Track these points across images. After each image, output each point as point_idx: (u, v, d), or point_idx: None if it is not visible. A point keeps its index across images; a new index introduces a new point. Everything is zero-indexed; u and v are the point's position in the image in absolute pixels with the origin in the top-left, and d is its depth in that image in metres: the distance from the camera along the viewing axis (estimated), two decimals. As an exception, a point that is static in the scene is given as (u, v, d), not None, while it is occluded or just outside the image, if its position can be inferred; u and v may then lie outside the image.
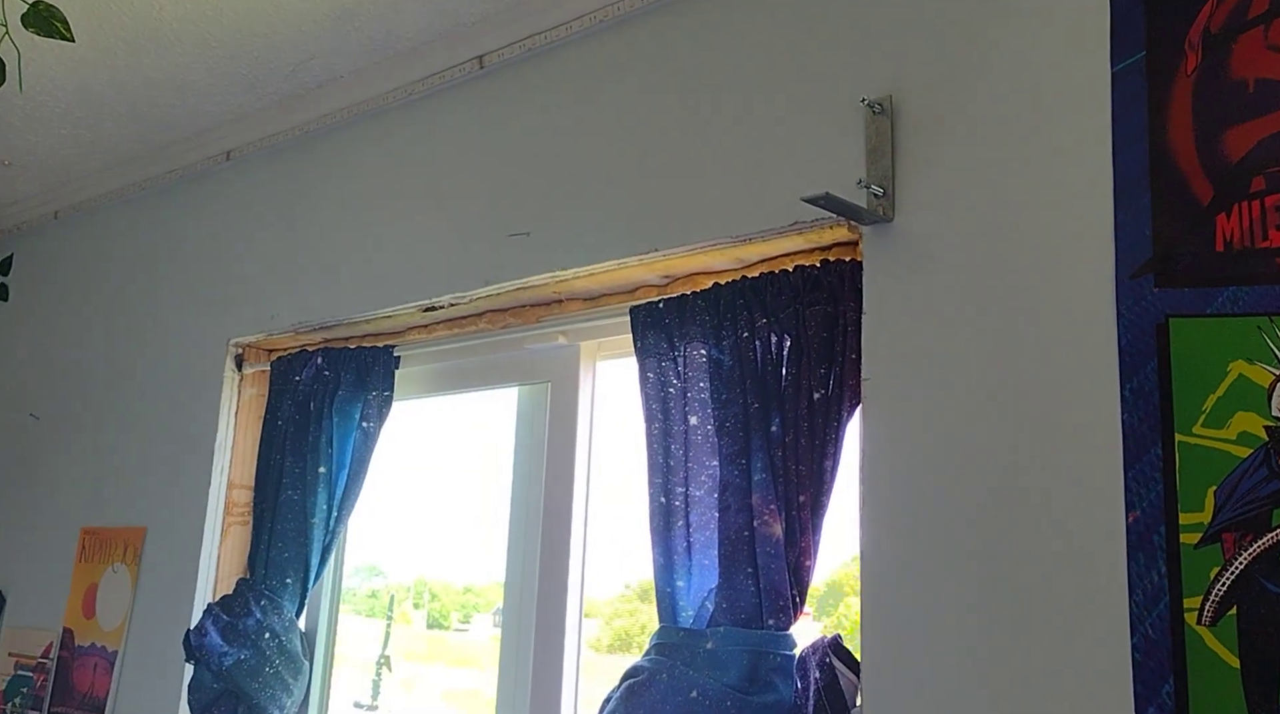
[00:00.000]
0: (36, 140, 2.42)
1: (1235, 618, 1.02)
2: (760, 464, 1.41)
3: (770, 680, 1.34)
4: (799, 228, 1.43)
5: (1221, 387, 1.06)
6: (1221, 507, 1.05)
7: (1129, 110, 1.17)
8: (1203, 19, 1.14)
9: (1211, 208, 1.10)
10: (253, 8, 1.85)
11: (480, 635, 2.37)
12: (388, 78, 2.04)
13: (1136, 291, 1.13)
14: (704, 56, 1.61)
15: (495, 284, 1.79)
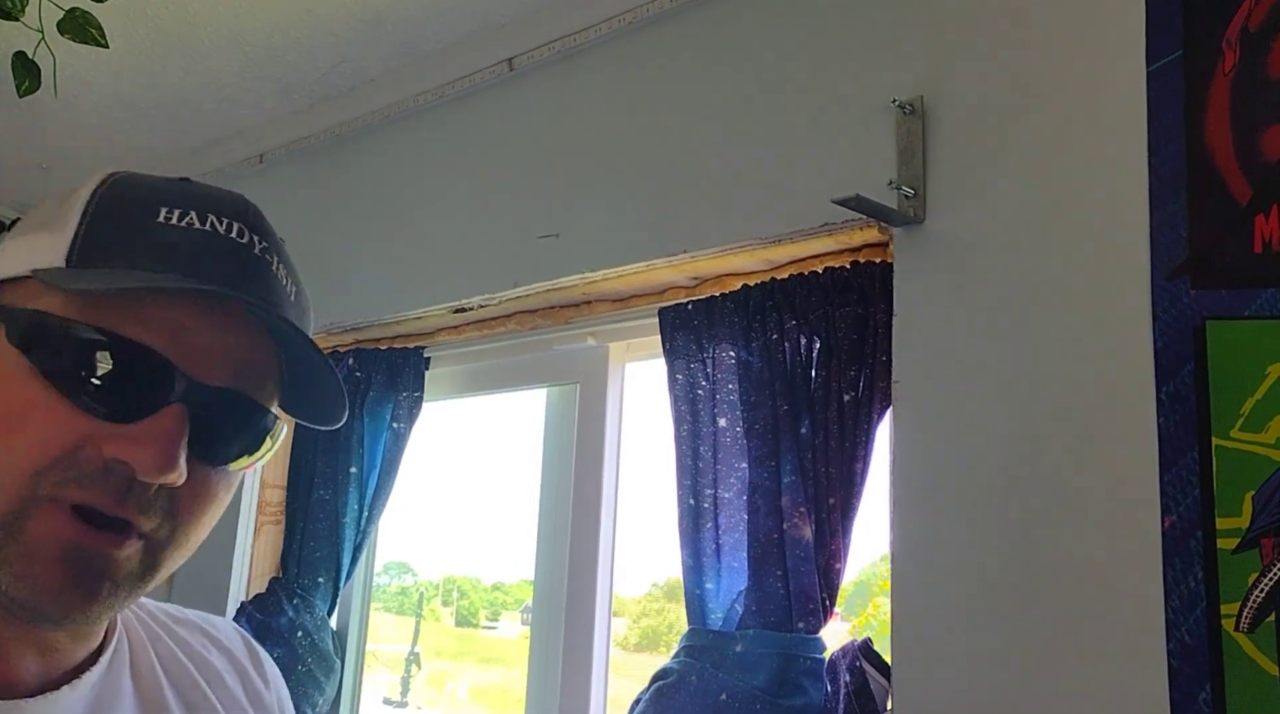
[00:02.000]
0: (73, 144, 2.46)
1: (1274, 624, 1.01)
2: (790, 466, 1.41)
3: (800, 683, 1.34)
4: (829, 229, 1.42)
5: (1260, 390, 1.05)
6: (1260, 512, 1.03)
7: (1165, 110, 1.15)
8: (1240, 18, 1.12)
9: (1249, 208, 1.08)
10: (285, 12, 1.87)
11: (509, 633, 2.38)
12: (418, 80, 2.05)
13: (1173, 293, 1.11)
14: (733, 58, 1.61)
15: (524, 285, 1.80)
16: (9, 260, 0.61)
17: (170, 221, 0.61)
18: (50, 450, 0.56)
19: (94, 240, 0.60)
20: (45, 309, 0.58)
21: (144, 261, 0.59)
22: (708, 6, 1.66)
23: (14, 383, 0.57)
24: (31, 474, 0.56)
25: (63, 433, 0.57)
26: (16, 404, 0.57)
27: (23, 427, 0.56)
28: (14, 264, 0.60)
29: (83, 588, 0.57)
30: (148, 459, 0.57)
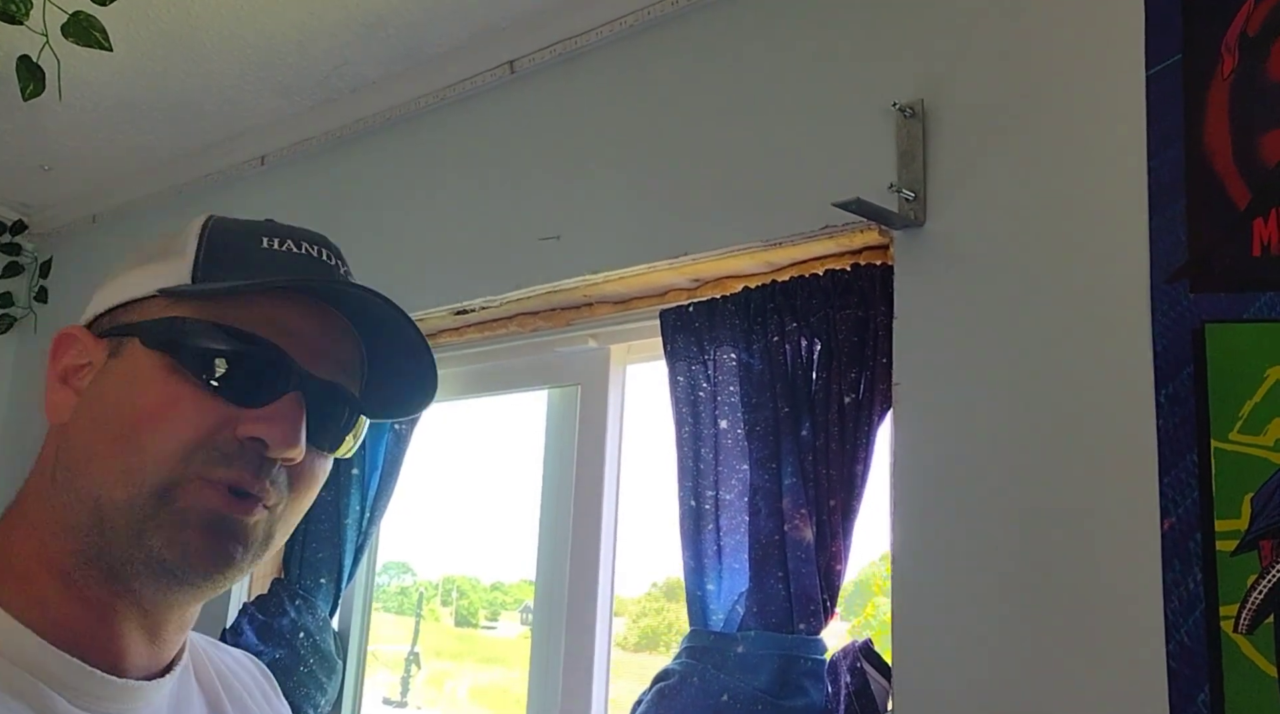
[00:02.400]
0: (74, 145, 2.46)
1: (1272, 626, 1.01)
2: (791, 468, 1.41)
3: (801, 685, 1.34)
4: (829, 232, 1.42)
5: (1259, 393, 1.05)
6: (1258, 514, 1.04)
7: (1164, 113, 1.16)
8: (1239, 22, 1.12)
9: (1248, 212, 1.09)
10: (287, 15, 1.87)
11: (508, 633, 2.39)
12: (419, 83, 2.06)
13: (1172, 296, 1.12)
14: (734, 61, 1.61)
15: (526, 288, 1.80)
16: (133, 286, 0.71)
17: (272, 247, 0.72)
18: (196, 434, 0.66)
19: (213, 263, 0.71)
20: (180, 315, 0.68)
21: (257, 276, 0.70)
22: (708, 10, 1.66)
23: (156, 382, 0.67)
24: (181, 456, 0.65)
25: (205, 418, 0.66)
26: (162, 399, 0.66)
27: (170, 417, 0.66)
28: (139, 288, 0.70)
29: (223, 551, 0.66)
30: (278, 436, 0.67)
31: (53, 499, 0.67)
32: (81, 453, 0.67)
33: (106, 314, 0.71)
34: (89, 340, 0.70)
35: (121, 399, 0.67)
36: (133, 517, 0.65)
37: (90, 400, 0.68)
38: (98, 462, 0.66)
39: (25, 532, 0.68)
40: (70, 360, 0.70)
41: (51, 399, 0.70)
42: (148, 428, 0.66)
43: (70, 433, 0.68)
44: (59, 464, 0.68)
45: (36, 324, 2.91)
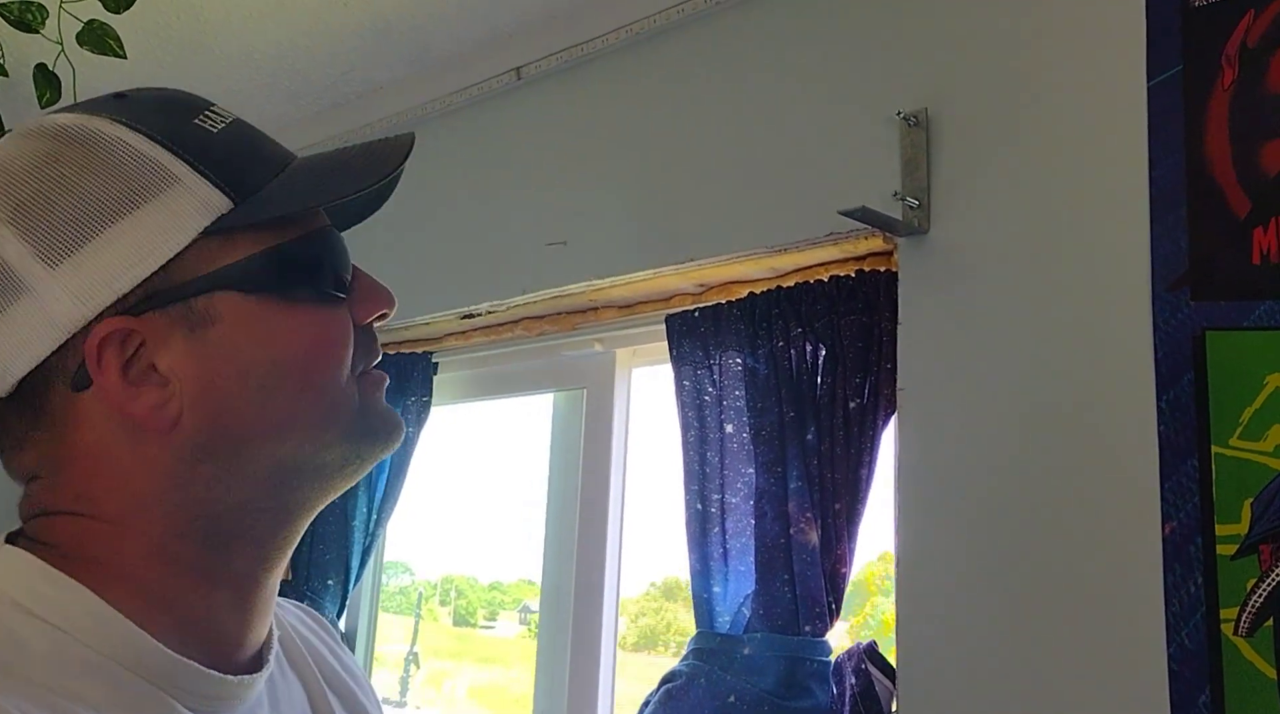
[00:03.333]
0: (83, 150, 2.47)
1: (1272, 629, 1.03)
2: (796, 472, 1.43)
3: (807, 686, 1.36)
4: (834, 238, 1.44)
5: (1258, 399, 1.07)
6: (1258, 518, 1.05)
7: (1165, 124, 1.18)
8: (1239, 34, 1.14)
9: (1248, 221, 1.11)
10: (295, 22, 1.89)
11: (506, 633, 2.40)
12: (426, 88, 2.07)
13: (1173, 304, 1.14)
14: (740, 69, 1.63)
15: (532, 292, 1.82)
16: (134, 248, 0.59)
17: (215, 128, 0.63)
18: (349, 344, 0.65)
19: (224, 173, 0.61)
20: (269, 246, 0.62)
21: (260, 169, 0.63)
22: (714, 19, 1.68)
23: (293, 322, 0.62)
24: (350, 369, 0.64)
25: (345, 328, 0.65)
26: (313, 335, 0.63)
27: (327, 346, 0.64)
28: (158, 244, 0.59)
29: (397, 417, 0.68)
30: (388, 299, 0.68)
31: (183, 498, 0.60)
32: (245, 434, 0.61)
33: (138, 288, 0.59)
34: (127, 323, 0.59)
35: (271, 356, 0.61)
36: (348, 443, 0.64)
37: (220, 377, 0.60)
38: (278, 425, 0.61)
39: (134, 536, 0.60)
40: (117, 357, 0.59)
41: (137, 406, 0.59)
42: (319, 367, 0.63)
43: (214, 418, 0.60)
44: (200, 457, 0.60)
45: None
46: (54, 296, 0.58)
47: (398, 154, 0.66)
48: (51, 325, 0.58)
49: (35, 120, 0.63)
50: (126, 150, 0.60)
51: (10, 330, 0.58)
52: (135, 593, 0.59)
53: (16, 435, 0.61)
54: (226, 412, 0.60)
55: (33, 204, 0.58)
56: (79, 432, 0.60)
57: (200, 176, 0.60)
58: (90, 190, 0.59)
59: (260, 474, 0.62)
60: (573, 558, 1.84)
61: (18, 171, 0.60)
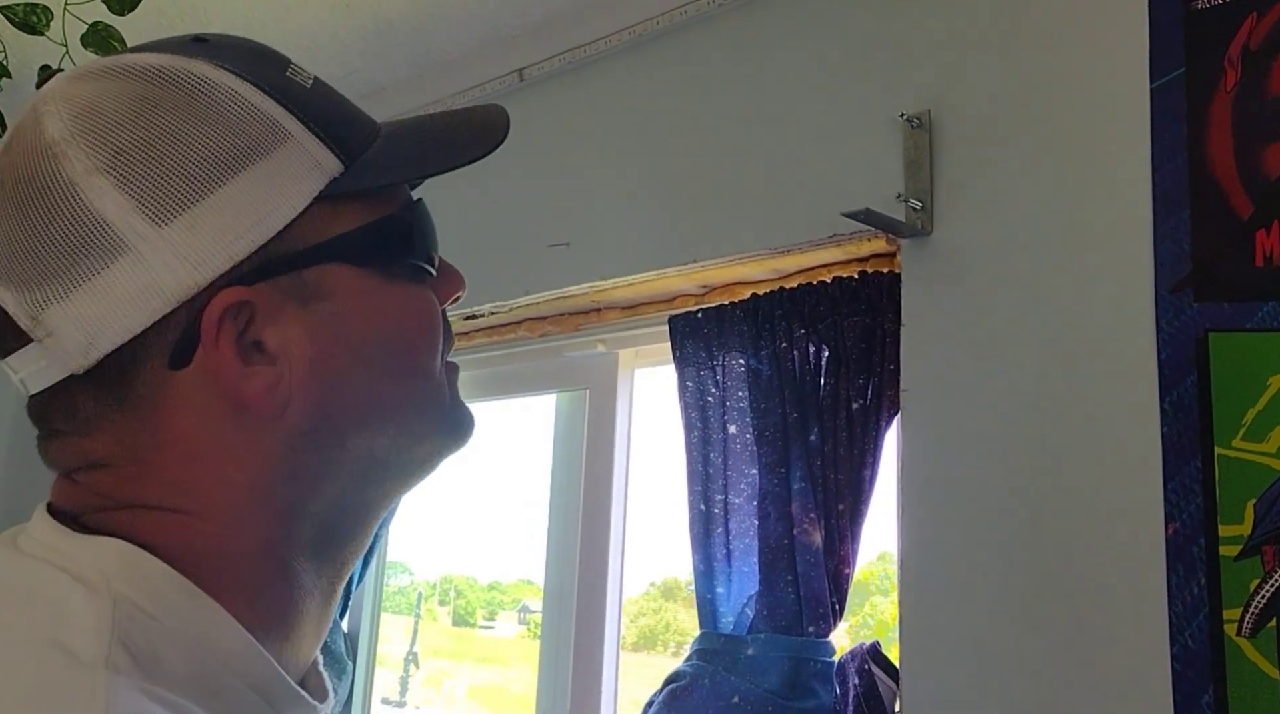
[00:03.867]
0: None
1: (1275, 629, 1.03)
2: (799, 473, 1.43)
3: (810, 686, 1.37)
4: (837, 240, 1.44)
5: (1261, 401, 1.07)
6: (1261, 519, 1.06)
7: (1168, 126, 1.18)
8: (1242, 37, 1.15)
9: (1251, 223, 1.11)
10: (298, 22, 1.89)
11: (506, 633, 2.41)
12: (429, 90, 2.08)
13: (1176, 305, 1.14)
14: (743, 71, 1.63)
15: (535, 293, 1.82)
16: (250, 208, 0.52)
17: (306, 84, 0.57)
18: (441, 328, 0.61)
19: (333, 133, 0.55)
20: (380, 216, 0.57)
21: (359, 131, 0.58)
22: (717, 21, 1.68)
23: (396, 296, 0.58)
24: (442, 355, 0.61)
25: (436, 307, 0.61)
26: (411, 310, 0.59)
27: (428, 323, 0.60)
28: (276, 206, 0.53)
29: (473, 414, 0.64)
30: (462, 282, 0.65)
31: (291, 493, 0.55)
32: (352, 420, 0.56)
33: (253, 256, 0.52)
34: (246, 295, 0.52)
35: (380, 335, 0.56)
36: (441, 435, 0.60)
37: (332, 356, 0.55)
38: (383, 418, 0.57)
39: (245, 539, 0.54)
40: (233, 330, 0.52)
41: (251, 387, 0.53)
42: (419, 349, 0.58)
43: (324, 402, 0.54)
44: (308, 446, 0.54)
45: (45, 327, 2.93)
46: (162, 261, 0.50)
47: (498, 124, 0.62)
48: (156, 292, 0.51)
49: (114, 59, 0.55)
50: (236, 99, 0.53)
51: (102, 296, 0.50)
52: (250, 605, 0.53)
53: (86, 417, 0.53)
54: (336, 395, 0.55)
55: (134, 152, 0.51)
56: (175, 415, 0.52)
57: (312, 134, 0.54)
58: (200, 141, 0.52)
59: (356, 467, 0.56)
60: (575, 558, 1.84)
61: (112, 115, 0.51)
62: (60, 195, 0.50)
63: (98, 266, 0.50)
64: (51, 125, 0.51)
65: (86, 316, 0.51)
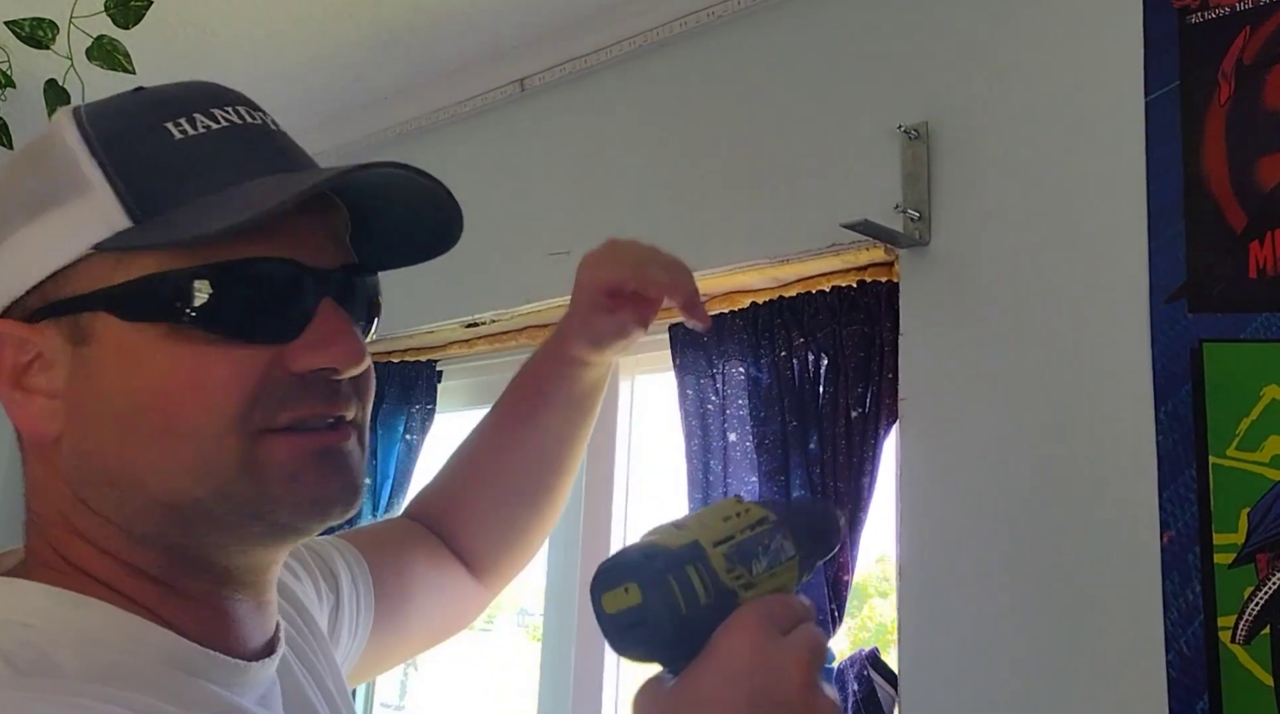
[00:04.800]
0: (89, 159, 2.49)
1: (1269, 637, 1.05)
2: (799, 481, 1.44)
3: (810, 692, 1.37)
4: (836, 249, 1.46)
5: (1255, 411, 1.09)
6: (1255, 528, 1.07)
7: (1163, 139, 1.19)
8: (1235, 50, 1.16)
9: (1245, 235, 1.12)
10: (302, 33, 1.91)
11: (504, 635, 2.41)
12: (431, 99, 2.09)
13: (1171, 316, 1.15)
14: (742, 82, 1.65)
15: (536, 302, 1.83)
16: (43, 249, 0.56)
17: (186, 133, 0.57)
18: (244, 393, 0.56)
19: (138, 187, 0.56)
20: (155, 271, 0.55)
21: (200, 184, 0.56)
22: (717, 33, 1.70)
23: (168, 357, 0.55)
24: (237, 420, 0.56)
25: (246, 372, 0.56)
26: (186, 373, 0.55)
27: (205, 388, 0.55)
28: (54, 250, 0.56)
29: (342, 479, 0.59)
30: (341, 356, 0.58)
31: (91, 519, 0.57)
32: (112, 461, 0.56)
33: (32, 293, 0.57)
34: (22, 330, 0.57)
35: (134, 389, 0.55)
36: (230, 503, 0.56)
37: (87, 401, 0.56)
38: (142, 466, 0.56)
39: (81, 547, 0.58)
40: (11, 359, 0.57)
41: (22, 413, 0.57)
42: (186, 411, 0.55)
43: (81, 443, 0.57)
44: (80, 481, 0.57)
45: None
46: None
47: (308, 185, 0.56)
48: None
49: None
50: (64, 152, 0.57)
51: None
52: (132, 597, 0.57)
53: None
54: (86, 439, 0.57)
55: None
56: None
57: (110, 188, 0.55)
58: (19, 188, 0.57)
59: (149, 508, 0.56)
60: (577, 565, 1.85)
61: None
62: None
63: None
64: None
65: None
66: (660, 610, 0.57)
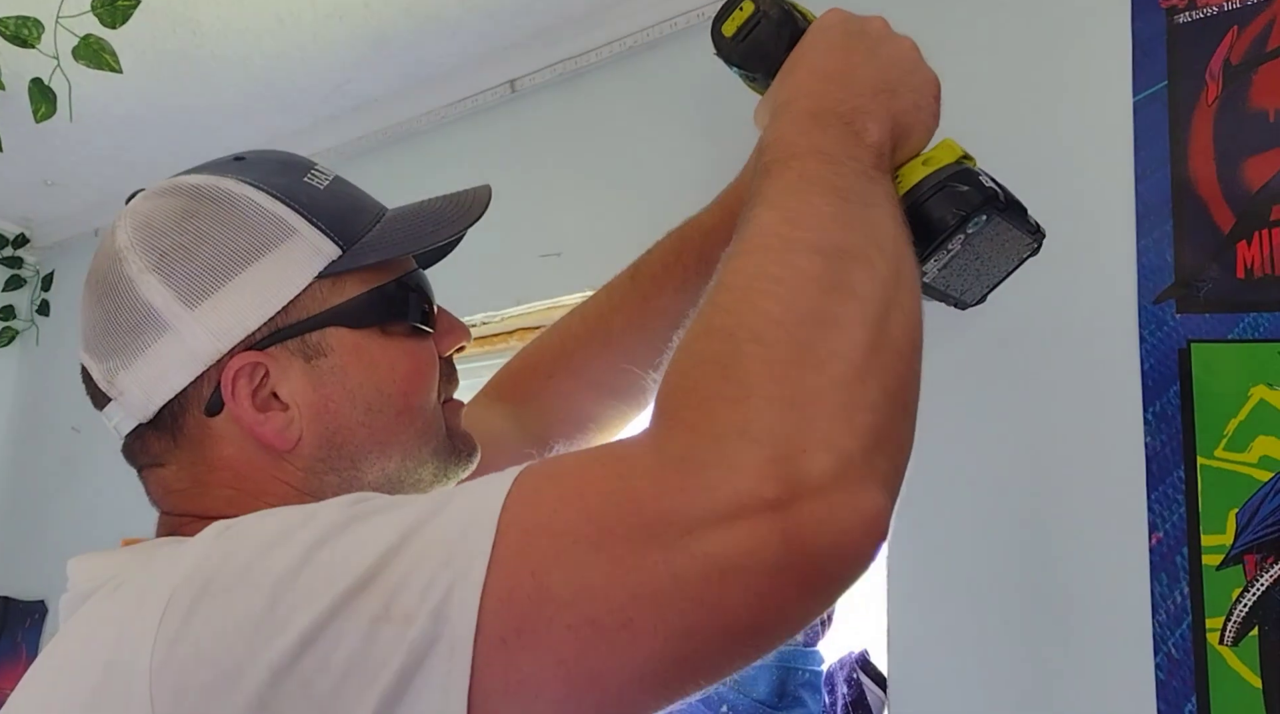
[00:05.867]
0: (78, 159, 2.48)
1: (1257, 638, 1.04)
2: (788, 482, 1.44)
3: (799, 696, 1.37)
4: (826, 251, 1.45)
5: (1243, 411, 1.08)
6: (1243, 529, 1.07)
7: (1150, 139, 1.19)
8: (1223, 50, 1.16)
9: (1232, 235, 1.12)
10: (291, 34, 1.90)
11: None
12: (421, 101, 2.08)
13: (1158, 317, 1.15)
14: (734, 82, 1.63)
15: (527, 303, 1.83)
16: (270, 287, 0.69)
17: (322, 185, 0.73)
18: (436, 371, 0.75)
19: (336, 225, 0.71)
20: (368, 288, 0.72)
21: (360, 219, 0.73)
22: (707, 32, 1.69)
23: (393, 352, 0.72)
24: (436, 399, 0.75)
25: (432, 356, 0.76)
26: (409, 363, 0.73)
27: (422, 373, 0.74)
28: (285, 285, 0.69)
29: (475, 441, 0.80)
30: (466, 334, 0.79)
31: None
32: (362, 444, 0.71)
33: (264, 326, 0.69)
34: (254, 357, 0.69)
35: (378, 380, 0.71)
36: (439, 459, 0.74)
37: (334, 400, 0.70)
38: (388, 440, 0.71)
39: None
40: (247, 387, 0.68)
41: (267, 431, 0.68)
42: (417, 391, 0.73)
43: (333, 437, 0.70)
44: (318, 471, 0.70)
45: (39, 337, 2.93)
46: (193, 334, 0.67)
47: (479, 204, 0.77)
48: (191, 359, 0.67)
49: (170, 181, 0.73)
50: (253, 206, 0.69)
51: (153, 363, 0.68)
52: None
53: (156, 453, 0.71)
54: (339, 431, 0.70)
55: (174, 253, 0.68)
56: (217, 449, 0.69)
57: (314, 227, 0.69)
58: (224, 241, 0.68)
59: (375, 484, 0.71)
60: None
61: (160, 225, 0.69)
62: (123, 289, 0.68)
63: (149, 341, 0.68)
64: (120, 235, 0.70)
65: (143, 379, 0.68)
66: (771, 7, 0.75)
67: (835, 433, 0.51)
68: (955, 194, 0.72)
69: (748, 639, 0.51)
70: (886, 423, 0.55)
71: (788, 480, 0.48)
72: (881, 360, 0.57)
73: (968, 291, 0.82)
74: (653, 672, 0.50)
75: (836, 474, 0.49)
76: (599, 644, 0.48)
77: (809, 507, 0.48)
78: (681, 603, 0.48)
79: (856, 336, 0.55)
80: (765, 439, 0.49)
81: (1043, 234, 0.81)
